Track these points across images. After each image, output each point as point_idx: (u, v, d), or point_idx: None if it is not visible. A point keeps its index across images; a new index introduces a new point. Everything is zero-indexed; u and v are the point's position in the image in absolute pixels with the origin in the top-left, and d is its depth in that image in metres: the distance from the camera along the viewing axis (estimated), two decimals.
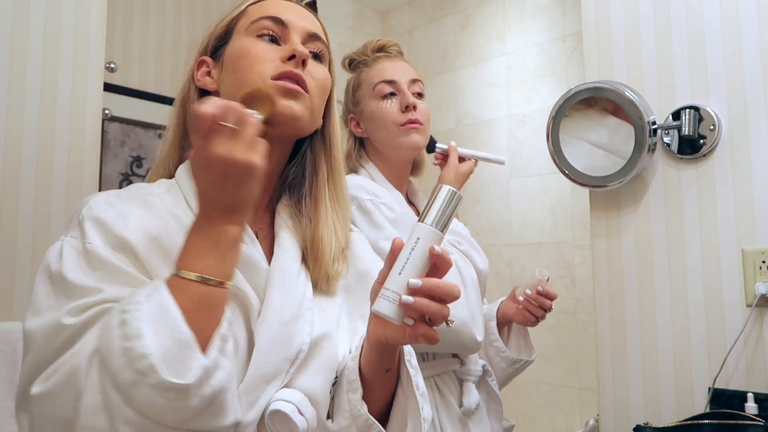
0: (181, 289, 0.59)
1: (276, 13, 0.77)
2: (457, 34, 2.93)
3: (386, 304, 0.61)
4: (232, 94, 0.73)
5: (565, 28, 2.55)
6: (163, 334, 0.55)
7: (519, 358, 1.36)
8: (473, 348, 1.14)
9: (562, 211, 2.53)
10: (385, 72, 1.26)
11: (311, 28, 0.79)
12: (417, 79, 1.27)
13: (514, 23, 2.72)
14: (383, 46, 1.31)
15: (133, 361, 0.54)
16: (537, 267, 1.70)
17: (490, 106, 2.78)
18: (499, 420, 1.29)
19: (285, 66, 0.73)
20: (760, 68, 1.21)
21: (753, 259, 1.19)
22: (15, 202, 1.19)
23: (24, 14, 1.23)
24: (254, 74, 0.73)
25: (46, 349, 0.59)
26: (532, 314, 1.32)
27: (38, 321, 0.61)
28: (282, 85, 0.72)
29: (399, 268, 0.61)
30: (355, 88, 1.31)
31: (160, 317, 0.56)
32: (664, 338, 1.28)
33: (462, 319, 1.09)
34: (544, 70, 2.61)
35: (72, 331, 0.59)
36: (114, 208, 0.68)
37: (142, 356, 0.54)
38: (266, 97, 0.69)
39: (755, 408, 1.12)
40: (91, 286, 0.62)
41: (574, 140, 1.35)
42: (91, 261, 0.64)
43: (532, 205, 2.62)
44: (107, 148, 1.97)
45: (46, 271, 0.65)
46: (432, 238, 0.62)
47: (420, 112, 1.24)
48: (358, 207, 1.14)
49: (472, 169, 1.32)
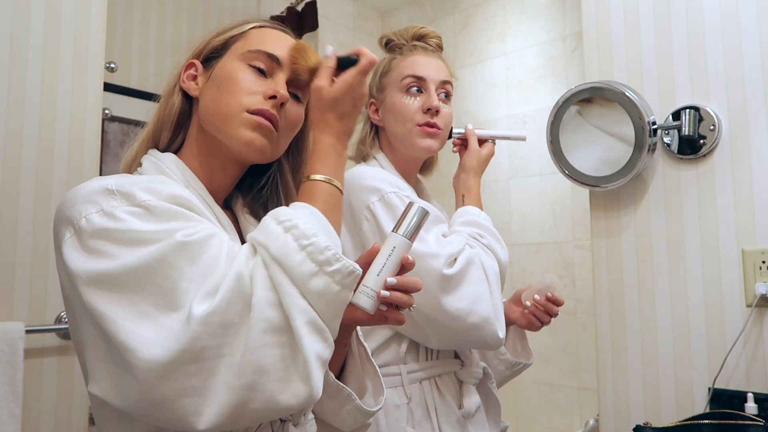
0: (313, 192, 0.73)
1: (272, 49, 0.82)
2: (457, 34, 2.93)
3: (365, 298, 0.74)
4: (209, 109, 0.80)
5: (565, 28, 2.55)
6: (326, 234, 0.68)
7: (517, 362, 1.35)
8: (495, 345, 1.11)
9: (562, 211, 2.52)
10: (417, 66, 1.22)
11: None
12: (447, 81, 1.24)
13: (514, 23, 2.72)
14: (424, 35, 1.27)
15: (314, 254, 0.65)
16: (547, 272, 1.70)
17: (490, 106, 2.78)
18: (497, 423, 1.28)
19: (264, 103, 0.79)
20: (760, 68, 1.21)
21: (753, 259, 1.19)
22: (15, 202, 1.19)
23: (24, 14, 1.23)
24: (234, 101, 0.78)
25: (176, 273, 0.62)
26: (539, 319, 1.29)
27: (133, 259, 0.62)
28: (255, 119, 0.78)
29: (377, 270, 0.75)
30: (384, 74, 1.27)
31: (317, 221, 0.69)
32: (664, 338, 1.28)
33: (485, 315, 1.07)
34: (544, 70, 2.61)
35: (198, 247, 0.64)
36: (148, 179, 0.71)
37: (326, 248, 0.66)
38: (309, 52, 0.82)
39: (755, 408, 1.12)
40: (176, 226, 0.65)
41: (574, 140, 1.35)
42: (157, 213, 0.65)
43: (532, 205, 2.62)
44: (107, 148, 1.97)
45: (104, 235, 0.64)
46: (405, 247, 0.77)
47: (441, 117, 1.21)
48: (381, 199, 1.10)
49: (493, 151, 1.30)
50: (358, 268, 0.69)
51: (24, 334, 1.15)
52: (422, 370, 1.16)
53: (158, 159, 0.80)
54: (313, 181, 0.75)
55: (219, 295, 0.61)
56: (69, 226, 0.66)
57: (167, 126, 0.83)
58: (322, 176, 0.75)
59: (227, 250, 0.66)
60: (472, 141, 1.28)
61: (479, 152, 1.27)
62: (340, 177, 0.77)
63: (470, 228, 1.18)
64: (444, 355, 1.20)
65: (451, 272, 1.05)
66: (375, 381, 0.87)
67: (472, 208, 1.22)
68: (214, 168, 0.83)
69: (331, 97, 0.76)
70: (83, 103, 1.30)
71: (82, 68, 1.30)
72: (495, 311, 1.09)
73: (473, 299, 1.07)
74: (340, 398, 0.83)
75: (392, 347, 1.14)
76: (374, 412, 0.85)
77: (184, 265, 0.63)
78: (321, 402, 0.83)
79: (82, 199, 0.66)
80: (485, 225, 1.19)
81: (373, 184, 1.12)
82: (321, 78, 0.77)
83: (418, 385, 1.14)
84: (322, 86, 0.77)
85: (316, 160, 0.76)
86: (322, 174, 0.75)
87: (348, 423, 0.84)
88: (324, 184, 0.74)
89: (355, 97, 0.77)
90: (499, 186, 2.72)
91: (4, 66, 1.20)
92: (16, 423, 1.12)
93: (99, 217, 0.64)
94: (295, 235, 0.65)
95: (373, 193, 1.11)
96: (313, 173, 0.75)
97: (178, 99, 0.83)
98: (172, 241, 0.63)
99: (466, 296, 1.06)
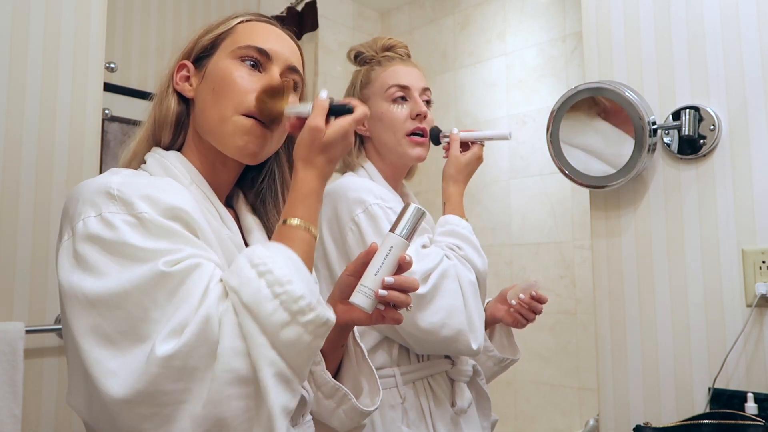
0: (292, 238, 0.71)
1: (262, 43, 0.82)
2: (457, 34, 2.93)
3: (363, 298, 0.75)
4: (206, 111, 0.80)
5: (565, 28, 2.55)
6: (302, 281, 0.65)
7: (504, 357, 1.39)
8: (470, 355, 1.17)
9: (562, 211, 2.52)
10: (400, 76, 1.26)
11: (291, 60, 0.84)
12: (427, 88, 1.29)
13: (514, 23, 2.72)
14: (392, 46, 1.31)
15: (288, 303, 0.62)
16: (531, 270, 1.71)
17: (490, 106, 2.78)
18: (487, 417, 1.32)
19: None
20: (760, 68, 1.21)
21: (753, 259, 1.19)
22: (15, 202, 1.19)
23: (24, 14, 1.23)
24: (229, 105, 0.79)
25: (150, 303, 0.61)
26: (524, 317, 1.34)
27: (111, 282, 0.62)
28: (247, 124, 0.78)
29: (375, 269, 0.76)
30: (364, 85, 1.30)
31: (293, 266, 0.66)
32: (664, 338, 1.28)
33: (458, 327, 1.09)
34: (544, 70, 2.61)
35: (177, 279, 0.62)
36: (149, 184, 0.70)
37: (300, 297, 0.63)
38: (283, 92, 0.80)
39: (755, 408, 1.12)
40: (164, 247, 0.64)
41: (574, 140, 1.35)
42: (150, 228, 0.65)
43: (532, 205, 2.62)
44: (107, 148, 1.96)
45: (96, 241, 0.64)
46: (402, 246, 0.77)
47: (427, 121, 1.27)
48: (365, 211, 1.13)
49: (479, 153, 1.29)
50: (332, 318, 0.67)
51: (24, 334, 1.15)
52: (414, 371, 1.19)
53: (163, 157, 0.80)
54: (292, 226, 0.72)
55: (184, 337, 0.59)
56: (69, 227, 0.67)
57: (167, 127, 0.83)
58: (301, 222, 0.73)
59: (206, 283, 0.64)
60: (452, 147, 1.29)
61: (458, 159, 1.27)
62: (315, 223, 0.75)
63: (448, 238, 1.19)
64: (434, 356, 1.23)
65: (424, 291, 1.07)
66: (371, 381, 0.87)
67: (452, 217, 1.23)
68: (216, 165, 0.84)
69: (327, 140, 0.74)
70: (83, 103, 1.29)
71: (82, 68, 1.30)
72: (469, 323, 1.11)
73: (446, 313, 1.09)
74: (336, 398, 0.83)
75: (383, 350, 1.17)
76: (370, 411, 0.85)
77: (160, 296, 0.61)
78: (317, 401, 0.83)
79: (86, 199, 0.67)
80: (463, 234, 1.20)
81: (359, 195, 1.14)
82: (319, 118, 0.75)
83: (412, 385, 1.18)
84: (321, 128, 0.74)
85: (298, 203, 0.74)
86: (300, 219, 0.73)
87: (344, 423, 0.84)
88: (302, 232, 0.72)
89: (345, 144, 0.77)
90: (499, 186, 2.72)
91: (4, 66, 1.20)
92: (16, 423, 1.12)
93: (96, 223, 0.65)
94: (269, 281, 0.63)
95: (358, 205, 1.14)
96: (292, 216, 0.73)
97: (173, 101, 0.83)
98: (154, 268, 0.62)
99: (439, 310, 1.08)
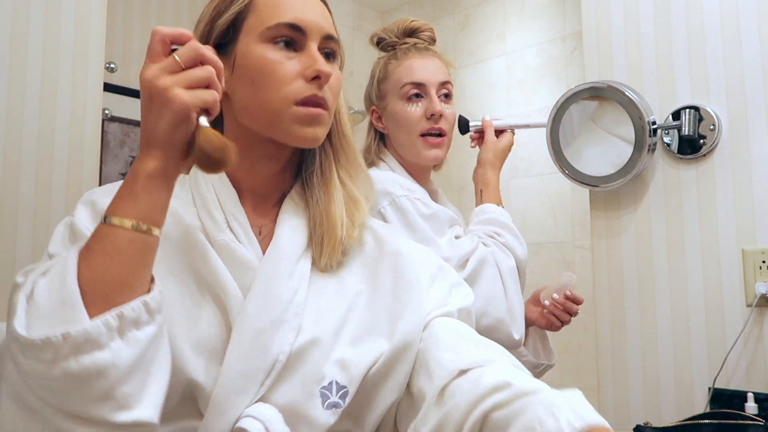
0: (96, 236, 0.57)
1: (291, 17, 0.72)
2: (457, 34, 2.93)
3: None
4: (249, 107, 0.72)
5: (565, 28, 2.55)
6: (53, 294, 0.54)
7: (539, 363, 1.29)
8: (511, 347, 1.08)
9: (562, 211, 2.52)
10: (414, 72, 1.19)
11: (326, 28, 0.75)
12: (446, 81, 1.21)
13: (514, 23, 2.72)
14: (415, 30, 1.25)
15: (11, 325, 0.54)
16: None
17: (490, 106, 2.78)
18: None
19: (308, 88, 0.71)
20: (760, 68, 1.21)
21: (753, 259, 1.19)
22: (15, 201, 1.19)
23: (24, 14, 1.22)
24: (276, 96, 0.70)
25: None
26: (558, 319, 1.25)
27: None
28: (306, 112, 0.71)
29: None
30: (381, 80, 1.24)
31: (58, 274, 0.55)
32: (664, 338, 1.28)
33: (499, 316, 1.06)
34: (544, 70, 2.61)
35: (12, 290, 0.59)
36: (112, 192, 0.64)
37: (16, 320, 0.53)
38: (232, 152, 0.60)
39: (755, 408, 1.12)
40: (58, 253, 0.67)
41: (575, 140, 1.35)
42: (74, 234, 0.69)
43: (532, 205, 2.62)
44: (107, 148, 1.97)
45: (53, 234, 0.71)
46: None
47: (445, 119, 1.19)
48: (392, 203, 1.09)
49: (512, 141, 1.26)
50: None
51: None
52: None
53: None
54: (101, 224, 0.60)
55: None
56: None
57: None
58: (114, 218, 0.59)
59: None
60: (488, 133, 1.27)
61: (496, 144, 1.25)
62: (137, 209, 0.59)
63: (487, 226, 1.16)
64: None
65: (463, 275, 1.03)
66: None
67: (489, 206, 1.20)
68: (256, 160, 0.76)
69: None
70: (83, 103, 1.29)
71: (82, 68, 1.30)
72: (510, 311, 1.08)
73: (486, 299, 1.06)
74: None
75: None
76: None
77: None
78: None
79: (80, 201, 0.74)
80: (502, 221, 1.17)
81: (384, 187, 1.10)
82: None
83: None
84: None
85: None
86: (111, 214, 0.59)
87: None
88: (104, 228, 0.59)
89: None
90: (500, 186, 2.71)
91: (4, 66, 1.19)
92: None
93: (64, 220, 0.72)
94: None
95: (384, 197, 1.09)
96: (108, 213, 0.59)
97: None
98: (35, 275, 0.59)
99: (479, 297, 1.04)
